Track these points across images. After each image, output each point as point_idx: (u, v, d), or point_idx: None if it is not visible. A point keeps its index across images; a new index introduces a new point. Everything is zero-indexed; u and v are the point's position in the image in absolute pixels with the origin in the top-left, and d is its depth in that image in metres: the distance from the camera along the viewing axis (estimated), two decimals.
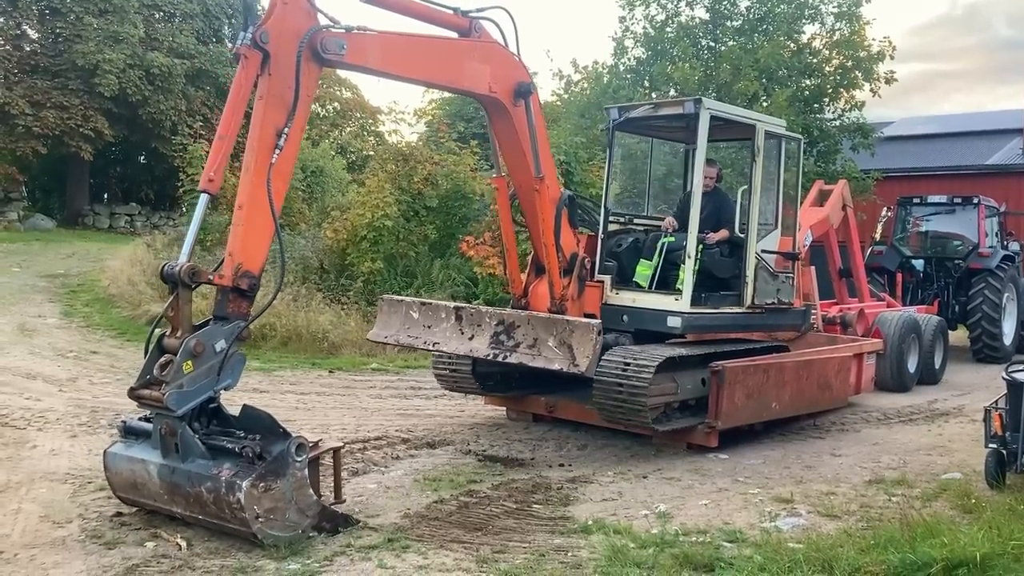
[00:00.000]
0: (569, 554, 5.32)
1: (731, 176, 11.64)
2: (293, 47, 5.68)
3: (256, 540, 5.18)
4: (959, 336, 16.14)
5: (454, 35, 7.32)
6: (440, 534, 5.63)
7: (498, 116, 7.68)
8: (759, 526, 5.94)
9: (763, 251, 8.81)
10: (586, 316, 8.19)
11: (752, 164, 8.67)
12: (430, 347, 8.07)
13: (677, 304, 8.22)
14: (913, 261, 16.53)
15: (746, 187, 8.63)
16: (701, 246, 8.37)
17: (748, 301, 8.65)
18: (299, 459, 5.30)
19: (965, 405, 11.07)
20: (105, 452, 5.83)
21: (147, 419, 5.71)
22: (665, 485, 7.03)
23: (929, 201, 16.96)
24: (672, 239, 8.60)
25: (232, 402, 9.80)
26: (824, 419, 9.79)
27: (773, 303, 8.98)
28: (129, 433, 5.79)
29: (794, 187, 9.53)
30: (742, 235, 8.59)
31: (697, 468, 7.58)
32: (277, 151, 5.64)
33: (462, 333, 7.74)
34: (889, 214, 17.20)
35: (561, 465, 7.63)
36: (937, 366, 13.06)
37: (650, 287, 8.50)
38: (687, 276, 8.21)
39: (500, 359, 7.44)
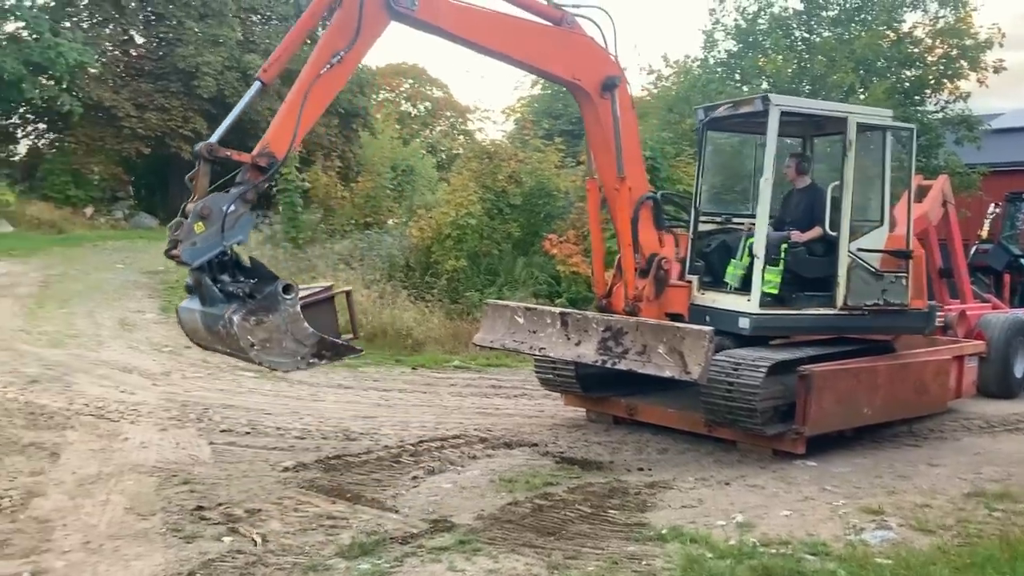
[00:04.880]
0: (643, 563, 5.19)
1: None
2: None
3: (258, 365, 5.95)
4: None
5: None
6: (512, 537, 5.57)
7: (585, 106, 7.79)
8: (845, 539, 5.68)
9: (861, 249, 8.38)
10: (670, 317, 8.11)
11: (843, 158, 8.31)
12: (536, 352, 8.10)
13: (747, 305, 8.04)
14: (1022, 260, 15.67)
15: (837, 182, 8.29)
16: (786, 245, 8.15)
17: (840, 302, 8.30)
18: (288, 297, 5.83)
19: None
20: (177, 308, 6.46)
21: None
22: (748, 493, 6.80)
23: None
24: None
25: (318, 397, 10.01)
26: (921, 426, 9.33)
27: (877, 304, 8.51)
28: (190, 290, 6.25)
29: (905, 181, 9.06)
30: (834, 233, 8.28)
31: (783, 476, 7.32)
32: (328, 67, 6.20)
33: (568, 339, 7.72)
34: (997, 210, 16.35)
35: (640, 469, 7.47)
36: None
37: (742, 287, 8.30)
38: (755, 276, 8.01)
39: (609, 365, 7.40)
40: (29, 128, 31.86)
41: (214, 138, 6.01)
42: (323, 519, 5.83)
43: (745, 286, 8.24)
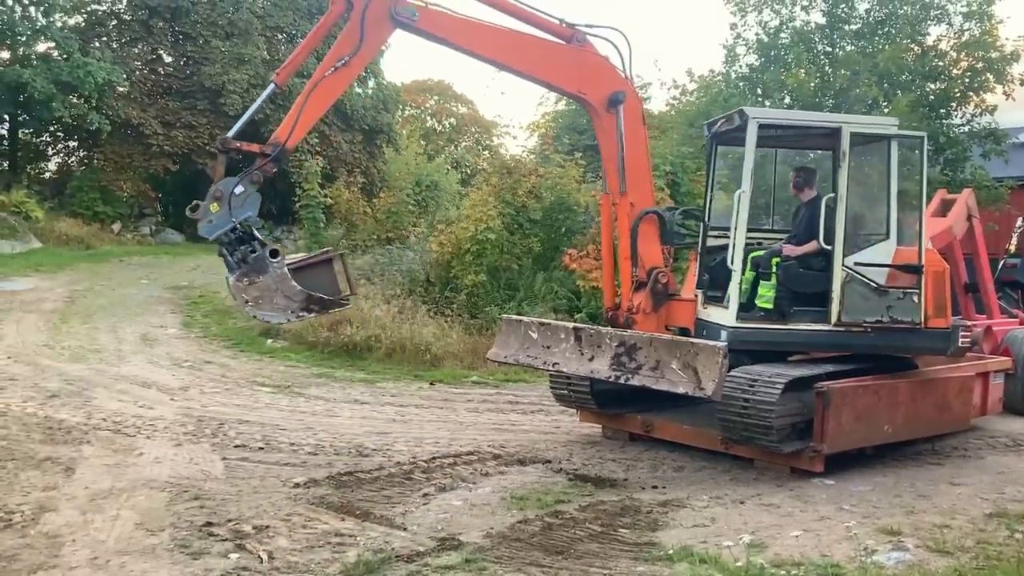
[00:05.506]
0: None
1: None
2: (374, 8, 7.12)
3: (254, 318, 7.20)
4: None
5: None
6: (520, 556, 5.51)
7: (594, 120, 8.24)
8: (859, 560, 5.56)
9: (859, 263, 8.03)
10: (676, 331, 8.15)
11: (836, 169, 8.10)
12: (550, 368, 8.10)
13: (726, 318, 7.97)
14: None
15: (832, 195, 8.07)
16: (778, 259, 8.08)
17: (835, 318, 7.98)
18: (274, 261, 6.85)
19: None
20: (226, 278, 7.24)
21: None
22: (762, 512, 6.68)
23: None
24: (761, 252, 8.32)
25: (334, 412, 10.00)
26: (944, 444, 9.15)
27: (880, 321, 8.15)
28: None
29: (916, 192, 8.66)
30: (830, 247, 8.02)
31: (799, 494, 7.19)
32: (332, 70, 7.09)
33: (582, 354, 7.72)
34: None
35: (654, 487, 7.37)
36: None
37: (745, 302, 8.21)
38: (732, 289, 7.95)
39: (622, 381, 7.38)
40: (59, 146, 32.40)
41: (230, 133, 7.07)
42: (331, 536, 5.81)
43: (748, 300, 8.20)
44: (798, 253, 8.18)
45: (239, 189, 6.88)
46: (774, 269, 8.08)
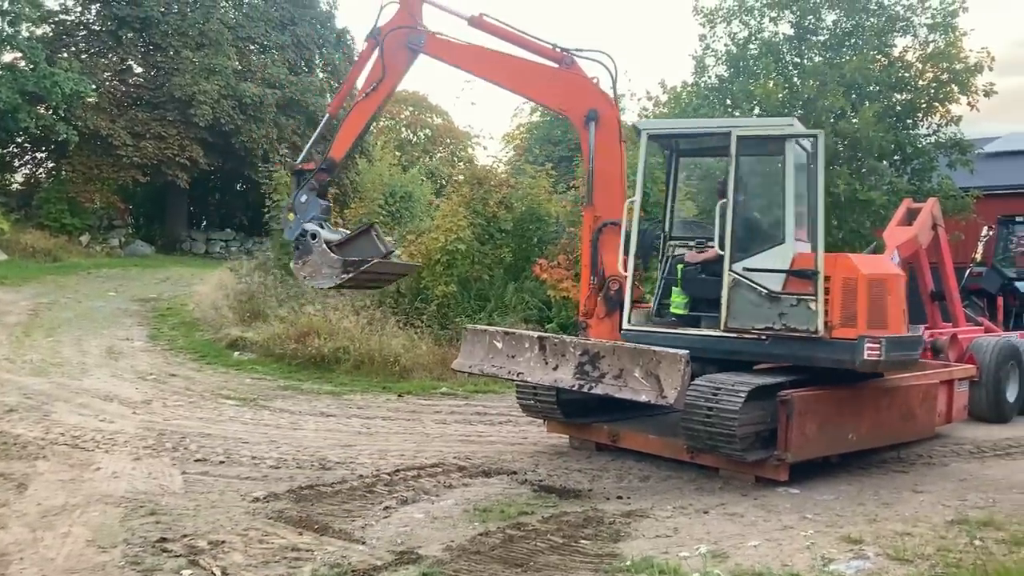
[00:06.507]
0: None
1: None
2: (391, 40, 8.60)
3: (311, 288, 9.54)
4: None
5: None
6: (478, 569, 5.44)
7: (579, 134, 8.68)
8: (820, 568, 5.54)
9: (748, 268, 7.80)
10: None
11: (727, 174, 8.00)
12: (514, 377, 8.09)
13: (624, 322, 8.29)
14: (1016, 283, 15.57)
15: (724, 200, 7.98)
16: (681, 265, 8.35)
17: (722, 325, 7.84)
18: (315, 241, 8.43)
19: None
20: None
21: None
22: (726, 522, 6.66)
23: None
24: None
25: (298, 425, 9.85)
26: (909, 451, 9.20)
27: (773, 328, 7.71)
28: None
29: (814, 193, 8.02)
30: (722, 252, 7.91)
31: (763, 503, 7.18)
32: (364, 96, 8.70)
33: (546, 363, 7.72)
34: (990, 233, 16.27)
35: (619, 498, 7.33)
36: None
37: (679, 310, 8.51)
38: (626, 293, 8.26)
39: (585, 390, 7.39)
40: (26, 157, 31.93)
41: (298, 160, 9.01)
42: (287, 551, 5.71)
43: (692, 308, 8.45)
44: (697, 260, 8.36)
45: (302, 197, 8.58)
46: (679, 276, 8.27)
